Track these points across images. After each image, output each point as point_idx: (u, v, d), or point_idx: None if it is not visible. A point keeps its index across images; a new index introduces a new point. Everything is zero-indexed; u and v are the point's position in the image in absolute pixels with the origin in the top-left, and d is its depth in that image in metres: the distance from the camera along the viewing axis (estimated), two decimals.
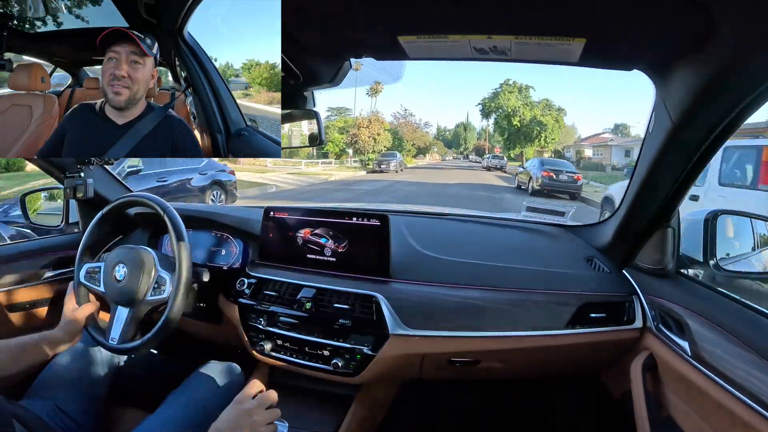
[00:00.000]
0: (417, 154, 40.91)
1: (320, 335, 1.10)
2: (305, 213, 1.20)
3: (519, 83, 30.33)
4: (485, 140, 51.36)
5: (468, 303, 1.06)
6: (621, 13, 0.61)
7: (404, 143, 33.58)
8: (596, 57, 0.75)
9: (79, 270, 1.05)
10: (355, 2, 0.65)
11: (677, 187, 0.88)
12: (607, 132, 38.97)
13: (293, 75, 0.92)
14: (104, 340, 0.99)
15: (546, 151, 29.86)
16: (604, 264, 1.16)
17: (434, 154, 51.59)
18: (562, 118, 29.75)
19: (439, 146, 54.41)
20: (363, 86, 19.08)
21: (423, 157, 44.52)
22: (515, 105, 29.74)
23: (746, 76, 0.61)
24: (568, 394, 1.50)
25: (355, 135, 26.07)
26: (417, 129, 38.77)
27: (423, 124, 42.24)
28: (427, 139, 43.53)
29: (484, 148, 50.07)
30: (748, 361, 0.73)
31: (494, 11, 0.65)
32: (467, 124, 60.37)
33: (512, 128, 29.30)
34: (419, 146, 39.04)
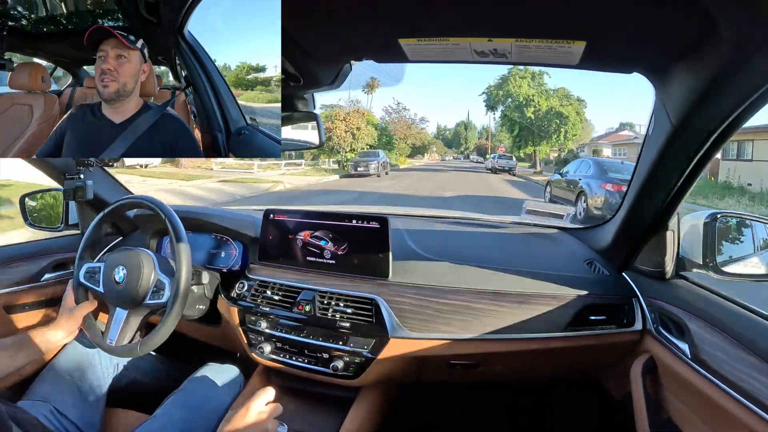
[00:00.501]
0: (414, 153, 38.40)
1: (320, 338, 1.09)
2: (305, 215, 1.20)
3: (531, 69, 24.24)
4: (487, 139, 49.17)
5: (467, 306, 1.06)
6: (621, 15, 0.61)
7: (395, 141, 30.15)
8: (596, 60, 0.75)
9: (78, 270, 1.05)
10: (355, 5, 0.65)
11: (677, 190, 0.88)
12: (626, 129, 32.88)
13: (293, 77, 0.92)
14: (102, 341, 0.99)
15: (563, 150, 25.36)
16: (604, 266, 1.16)
17: (433, 153, 49.39)
18: (583, 110, 24.38)
19: (438, 145, 52.36)
20: (357, 87, 16.10)
21: (421, 157, 42.26)
22: (528, 93, 24.72)
23: (745, 78, 0.61)
24: (567, 396, 1.49)
25: (329, 130, 20.25)
26: (412, 125, 35.01)
27: (419, 119, 38.95)
28: (425, 137, 40.07)
29: (485, 147, 47.75)
30: (748, 364, 0.72)
31: (495, 14, 0.65)
32: (468, 122, 58.03)
33: (525, 121, 24.23)
34: (415, 145, 36.04)
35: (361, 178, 15.45)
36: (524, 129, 24.98)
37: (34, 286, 1.25)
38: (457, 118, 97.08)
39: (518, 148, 26.07)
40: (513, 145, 26.66)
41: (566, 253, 1.28)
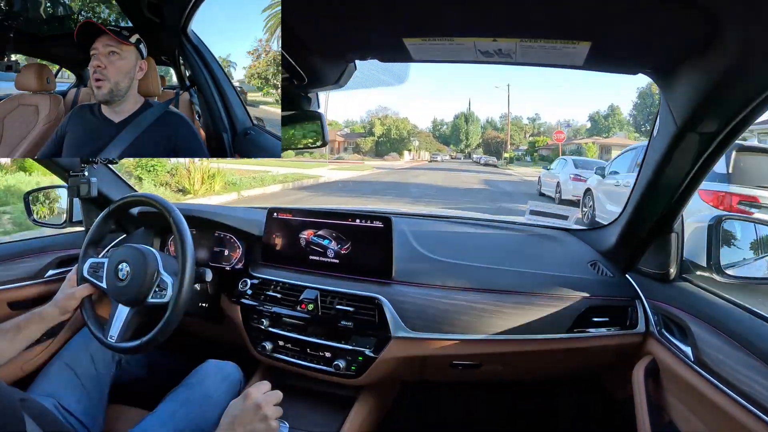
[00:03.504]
0: (386, 149, 28.41)
1: (322, 337, 1.10)
2: (308, 214, 1.20)
3: None
4: (501, 132, 37.37)
5: (470, 306, 1.06)
6: (627, 16, 0.61)
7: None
8: (601, 60, 0.75)
9: (82, 264, 1.05)
10: (360, 4, 0.65)
11: (681, 192, 0.88)
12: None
13: (297, 76, 0.92)
14: (103, 337, 0.99)
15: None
16: (607, 268, 1.16)
17: (419, 151, 35.04)
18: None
19: (422, 138, 38.12)
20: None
21: (396, 157, 30.03)
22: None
23: (751, 80, 0.61)
24: (569, 397, 1.49)
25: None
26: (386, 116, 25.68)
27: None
28: (404, 125, 29.25)
29: (500, 142, 36.90)
30: (751, 367, 0.72)
31: (500, 14, 0.65)
32: (469, 114, 48.18)
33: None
34: (390, 137, 27.42)
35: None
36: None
37: (38, 283, 1.26)
38: (456, 109, 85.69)
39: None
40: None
41: (570, 254, 1.28)
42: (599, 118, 44.27)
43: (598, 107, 70.53)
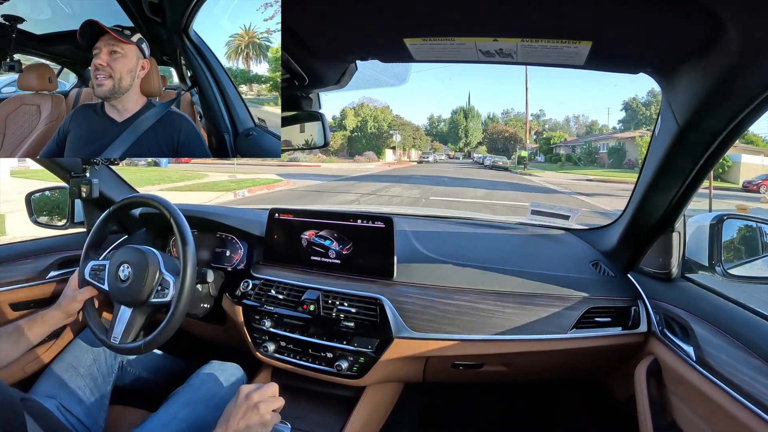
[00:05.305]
0: (363, 147, 21.54)
1: (324, 337, 1.10)
2: (310, 215, 1.20)
3: None
4: (519, 125, 30.11)
5: (472, 306, 1.06)
6: (628, 16, 0.61)
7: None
8: (602, 60, 0.75)
9: (84, 267, 1.06)
10: (361, 4, 0.65)
11: (683, 192, 0.88)
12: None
13: (299, 76, 0.92)
14: (106, 338, 0.99)
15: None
16: (609, 268, 1.16)
17: (407, 149, 27.98)
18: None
19: (405, 130, 28.14)
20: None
21: (373, 157, 23.86)
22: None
23: (753, 80, 0.61)
24: (571, 397, 1.49)
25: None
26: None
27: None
28: (383, 116, 22.12)
29: (508, 138, 30.21)
30: (753, 367, 0.72)
31: (501, 14, 0.65)
32: (469, 109, 42.01)
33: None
34: (366, 132, 20.35)
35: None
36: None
37: (40, 284, 1.26)
38: (453, 105, 77.24)
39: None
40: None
41: (571, 254, 1.28)
42: (638, 106, 39.06)
43: (620, 98, 63.00)
